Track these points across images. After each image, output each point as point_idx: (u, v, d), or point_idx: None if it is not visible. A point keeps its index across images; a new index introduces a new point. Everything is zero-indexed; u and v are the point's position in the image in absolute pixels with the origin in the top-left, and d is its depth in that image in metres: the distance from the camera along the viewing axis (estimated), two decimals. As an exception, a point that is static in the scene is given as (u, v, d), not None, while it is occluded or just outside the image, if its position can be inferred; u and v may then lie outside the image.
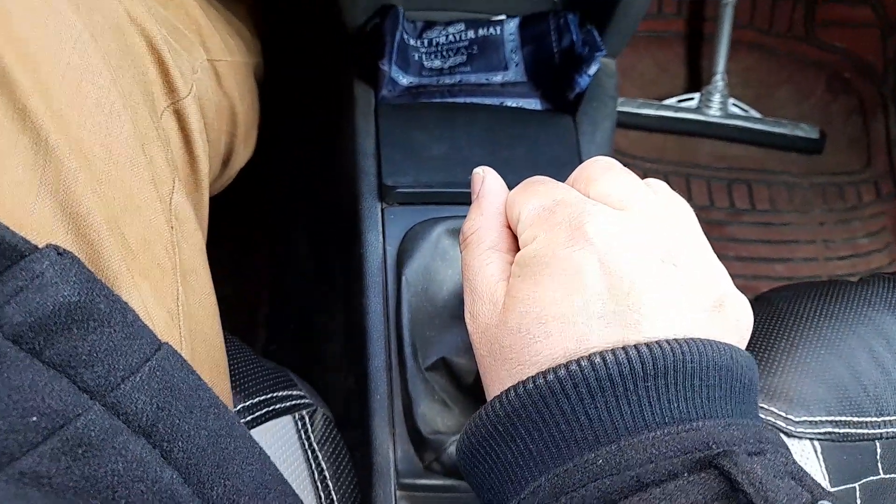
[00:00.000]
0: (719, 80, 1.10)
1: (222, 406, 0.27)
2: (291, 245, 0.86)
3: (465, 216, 0.53)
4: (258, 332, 0.81)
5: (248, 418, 0.40)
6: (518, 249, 0.31)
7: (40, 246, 0.22)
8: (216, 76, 0.46)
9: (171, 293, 0.30)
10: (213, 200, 0.85)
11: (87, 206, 0.25)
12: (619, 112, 1.08)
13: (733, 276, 0.34)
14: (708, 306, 0.29)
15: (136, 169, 0.29)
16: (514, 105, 0.63)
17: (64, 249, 0.22)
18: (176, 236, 0.32)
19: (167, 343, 0.25)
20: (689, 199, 1.07)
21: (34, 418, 0.21)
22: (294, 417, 0.44)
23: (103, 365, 0.22)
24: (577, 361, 0.25)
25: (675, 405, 0.25)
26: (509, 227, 0.33)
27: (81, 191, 0.25)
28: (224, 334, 0.45)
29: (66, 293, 0.22)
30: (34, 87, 0.25)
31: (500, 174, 0.57)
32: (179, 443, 0.24)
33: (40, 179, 0.24)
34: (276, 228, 0.87)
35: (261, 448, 0.29)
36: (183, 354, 0.30)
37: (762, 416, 0.47)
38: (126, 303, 0.24)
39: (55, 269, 0.21)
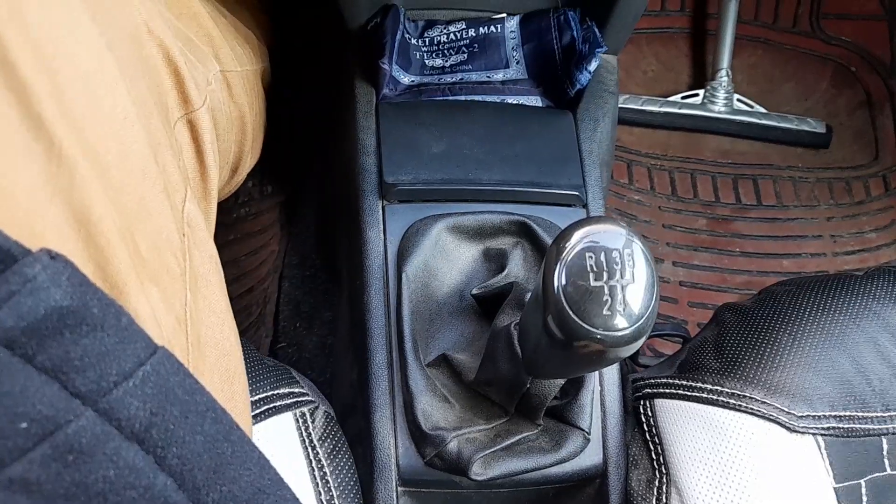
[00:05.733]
0: (724, 76, 1.09)
1: (220, 410, 0.27)
2: (297, 242, 0.86)
3: (464, 213, 0.54)
4: (266, 330, 0.81)
5: (249, 415, 0.41)
6: None
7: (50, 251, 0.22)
8: (227, 87, 0.47)
9: (179, 299, 0.30)
10: (220, 204, 0.85)
11: (99, 213, 0.26)
12: (624, 109, 1.08)
13: (739, 273, 0.33)
14: None
15: (148, 177, 0.30)
16: (514, 102, 0.63)
17: (56, 253, 0.22)
18: (187, 243, 0.32)
19: (163, 347, 0.25)
20: (695, 195, 1.06)
21: (24, 424, 0.20)
22: (295, 414, 0.44)
23: (95, 370, 0.22)
24: None
25: None
26: None
27: (94, 197, 0.26)
28: None
29: (57, 297, 0.21)
30: (50, 94, 0.25)
31: (500, 171, 0.57)
32: (174, 448, 0.24)
33: (53, 186, 0.25)
34: (282, 225, 0.88)
35: (260, 452, 0.28)
36: (189, 359, 0.30)
37: (763, 411, 0.47)
38: (121, 307, 0.24)
39: (47, 273, 0.21)
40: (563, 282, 0.30)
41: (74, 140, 0.25)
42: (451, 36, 0.67)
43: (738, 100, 1.11)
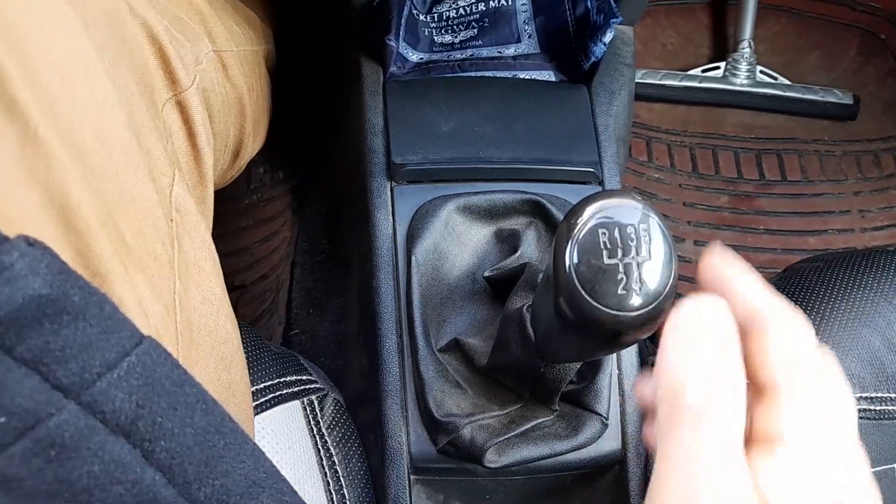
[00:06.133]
0: (746, 48, 1.06)
1: (211, 401, 0.26)
2: (308, 227, 0.85)
3: (475, 193, 0.52)
4: (279, 318, 0.80)
5: (254, 404, 0.40)
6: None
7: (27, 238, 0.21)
8: (223, 67, 0.46)
9: (168, 287, 0.29)
10: (231, 190, 0.84)
11: (79, 199, 0.25)
12: (642, 84, 1.05)
13: (763, 251, 0.31)
14: None
15: (131, 161, 0.29)
16: (527, 77, 0.61)
17: (35, 240, 0.21)
18: (175, 229, 0.31)
19: (149, 337, 0.24)
20: (717, 172, 1.04)
21: (3, 418, 0.20)
22: (303, 402, 0.43)
23: (78, 361, 0.21)
24: None
25: None
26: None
27: (72, 183, 0.25)
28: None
29: (36, 286, 0.20)
30: (23, 77, 0.24)
31: (512, 149, 0.56)
32: (162, 442, 0.23)
33: (29, 171, 0.24)
34: (293, 211, 0.87)
35: (254, 444, 0.28)
36: (179, 349, 0.29)
37: None
38: (104, 295, 0.23)
39: (25, 261, 0.20)
40: (575, 260, 0.28)
41: (50, 124, 0.25)
42: (461, 11, 0.65)
43: (761, 72, 1.07)
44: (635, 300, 0.28)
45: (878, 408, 0.46)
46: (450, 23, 0.65)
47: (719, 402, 0.24)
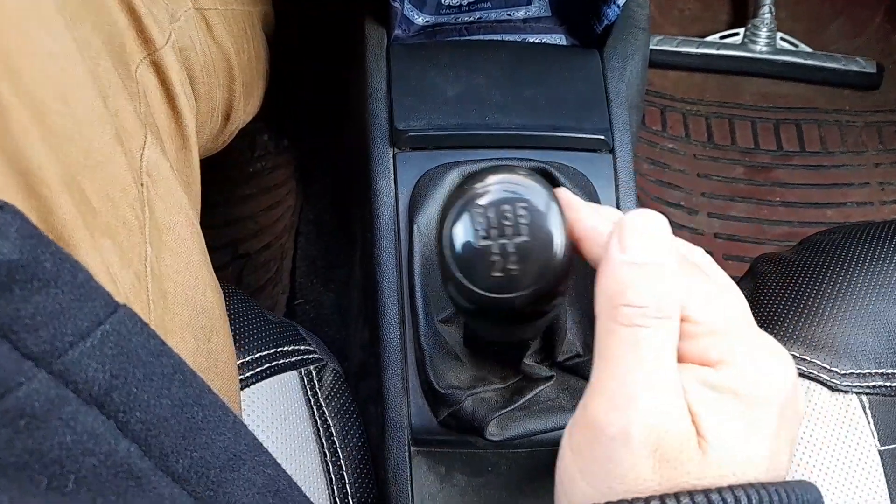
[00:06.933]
0: (766, 13, 1.02)
1: (189, 372, 0.25)
2: (313, 196, 0.84)
3: (480, 161, 0.51)
4: (283, 287, 0.80)
5: (248, 374, 0.39)
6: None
7: None
8: (206, 26, 0.44)
9: (138, 253, 0.28)
10: (235, 157, 0.83)
11: (39, 161, 0.24)
12: (657, 51, 1.02)
13: (779, 224, 0.31)
14: None
15: (96, 123, 0.28)
16: (536, 41, 0.59)
17: (4, 203, 0.20)
18: (147, 194, 0.30)
19: (125, 305, 0.23)
20: (733, 142, 1.01)
21: None
22: (300, 373, 0.43)
23: (48, 329, 0.20)
24: None
25: None
26: None
27: (32, 145, 0.24)
28: (227, 288, 0.43)
29: (5, 250, 0.20)
30: None
31: (519, 115, 0.54)
32: (137, 413, 0.22)
33: None
34: (298, 180, 0.86)
35: (235, 416, 0.27)
36: (152, 318, 0.28)
37: (803, 368, 0.43)
38: (77, 262, 0.22)
39: None
40: (451, 245, 0.28)
41: (7, 84, 0.23)
42: (469, -29, 0.62)
43: (782, 38, 1.04)
44: (514, 282, 0.27)
45: (892, 384, 0.44)
46: (458, -16, 0.62)
47: (663, 304, 0.25)
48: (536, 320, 0.30)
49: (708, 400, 0.25)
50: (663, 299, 0.25)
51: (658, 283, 0.25)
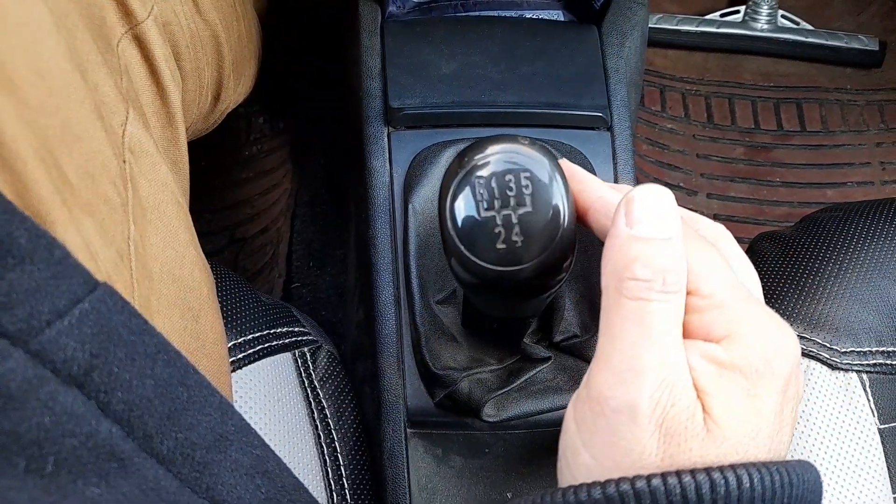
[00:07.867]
0: (768, -10, 1.01)
1: (173, 352, 0.24)
2: (308, 179, 0.84)
3: (476, 139, 0.50)
4: (279, 271, 0.79)
5: (240, 356, 0.39)
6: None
7: None
8: (193, 1, 0.43)
9: (121, 231, 0.28)
10: (231, 141, 0.82)
11: (12, 134, 0.23)
12: (657, 29, 1.01)
13: (779, 204, 0.30)
14: None
15: (73, 96, 0.27)
16: (533, 17, 0.58)
17: None
18: (129, 170, 0.29)
19: (105, 283, 0.22)
20: (733, 122, 1.00)
21: None
22: (294, 354, 0.42)
23: (24, 307, 0.20)
24: None
25: None
26: None
27: (5, 118, 0.23)
28: (220, 270, 0.43)
29: None
30: None
31: (516, 92, 0.53)
32: (119, 393, 0.22)
33: None
34: (294, 162, 0.85)
35: (221, 397, 0.26)
36: (135, 297, 0.28)
37: (803, 346, 0.43)
38: (54, 238, 0.21)
39: None
40: (452, 217, 0.27)
41: None
42: (464, -53, 0.61)
43: (783, 16, 1.02)
44: (519, 254, 0.26)
45: (893, 362, 0.44)
46: (453, -40, 0.61)
47: (670, 279, 0.24)
48: (541, 294, 0.29)
49: (713, 377, 0.24)
50: (670, 274, 0.24)
51: (665, 258, 0.24)
